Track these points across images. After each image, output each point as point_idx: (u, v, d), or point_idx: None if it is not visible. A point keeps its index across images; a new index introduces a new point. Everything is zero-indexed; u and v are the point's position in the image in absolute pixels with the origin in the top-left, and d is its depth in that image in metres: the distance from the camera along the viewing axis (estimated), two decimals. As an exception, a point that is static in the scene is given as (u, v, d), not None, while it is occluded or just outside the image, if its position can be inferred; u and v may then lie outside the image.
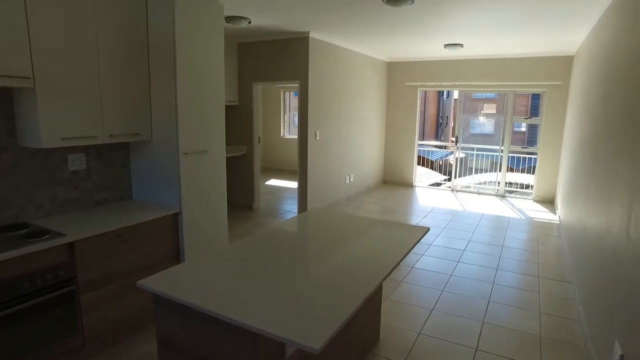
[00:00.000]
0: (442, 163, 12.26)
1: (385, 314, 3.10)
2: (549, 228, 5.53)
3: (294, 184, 8.29)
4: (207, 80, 2.92)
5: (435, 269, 4.03)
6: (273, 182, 8.61)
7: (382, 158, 8.31)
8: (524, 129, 20.99)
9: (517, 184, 7.91)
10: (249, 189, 6.10)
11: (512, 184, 7.84)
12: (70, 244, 2.23)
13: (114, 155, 2.92)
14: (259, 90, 5.95)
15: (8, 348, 2.00)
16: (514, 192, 7.68)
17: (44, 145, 2.23)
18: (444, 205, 6.77)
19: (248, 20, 4.35)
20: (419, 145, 8.38)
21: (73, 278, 2.26)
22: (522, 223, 5.80)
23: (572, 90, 6.11)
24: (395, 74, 7.93)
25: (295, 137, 10.19)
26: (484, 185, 8.04)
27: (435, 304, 3.31)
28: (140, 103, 2.75)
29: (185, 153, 2.77)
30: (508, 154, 7.42)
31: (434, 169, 11.34)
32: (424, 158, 10.98)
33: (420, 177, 8.45)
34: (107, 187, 2.89)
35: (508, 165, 7.48)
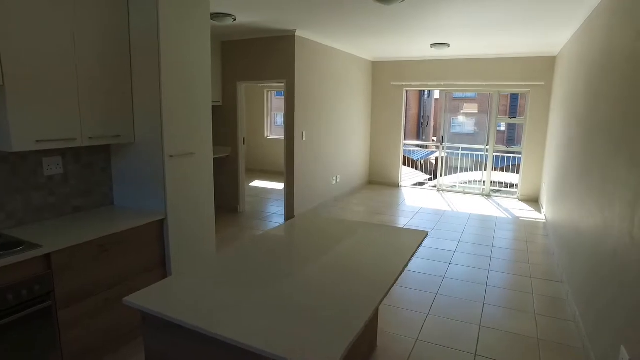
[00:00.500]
0: (423, 162, 12.33)
1: (381, 320, 3.01)
2: (536, 227, 5.56)
3: (279, 186, 8.16)
4: (193, 79, 2.77)
5: (427, 271, 3.97)
6: (257, 183, 8.44)
7: (367, 158, 8.26)
8: (504, 128, 21.38)
9: (501, 183, 7.98)
10: (234, 192, 5.94)
11: (497, 183, 7.90)
12: (47, 256, 2.06)
13: (94, 159, 2.74)
14: (243, 90, 5.79)
15: (-23, 372, 1.82)
16: (499, 191, 7.74)
17: (16, 149, 2.05)
18: (431, 206, 6.75)
19: (233, 18, 4.20)
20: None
21: (50, 292, 2.08)
22: (509, 222, 5.82)
23: (555, 91, 6.17)
24: (381, 74, 7.89)
25: (279, 137, 10.07)
26: (469, 185, 8.07)
27: (431, 308, 3.24)
28: (122, 103, 2.58)
29: (171, 156, 2.62)
30: (493, 154, 7.46)
31: (416, 169, 11.38)
32: (407, 157, 11.00)
33: (404, 176, 8.43)
34: (86, 192, 2.71)
35: (492, 164, 7.53)
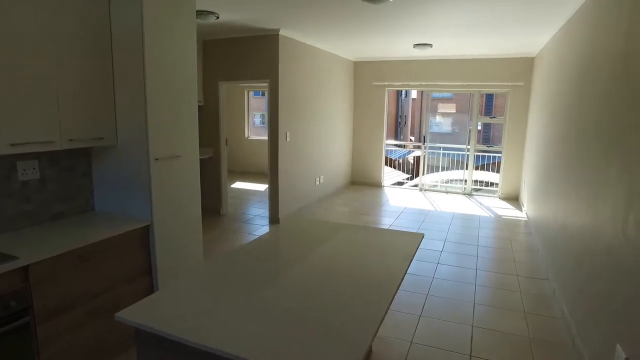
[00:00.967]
0: (401, 162, 12.44)
1: (374, 323, 2.96)
2: (518, 225, 5.65)
3: (261, 187, 8.04)
4: (179, 78, 2.66)
5: (416, 272, 3.96)
6: (239, 185, 8.30)
7: (350, 158, 8.24)
8: (480, 128, 21.83)
9: (482, 182, 8.10)
10: (217, 194, 5.80)
11: (478, 182, 8.01)
12: (24, 268, 1.91)
13: (73, 162, 2.58)
14: (225, 90, 5.66)
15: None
16: (480, 190, 7.85)
17: (-11, 153, 1.90)
18: (415, 205, 6.78)
19: (216, 16, 4.08)
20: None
21: (28, 308, 1.94)
22: (491, 221, 5.90)
23: (534, 91, 6.30)
24: (363, 74, 7.87)
25: (259, 137, 9.94)
26: (451, 184, 8.16)
27: (423, 310, 3.22)
28: (104, 104, 2.44)
29: (157, 159, 2.50)
30: (474, 153, 7.57)
31: (395, 168, 11.45)
32: (386, 157, 11.06)
33: (384, 176, 8.45)
34: (65, 198, 2.55)
35: (474, 164, 7.63)
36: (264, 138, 9.94)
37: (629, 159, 2.10)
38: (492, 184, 7.98)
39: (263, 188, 7.94)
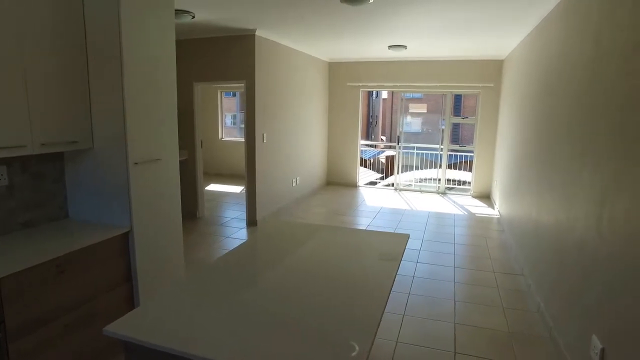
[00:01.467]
0: (373, 161, 12.60)
1: (359, 325, 2.97)
2: (491, 222, 5.82)
3: (236, 189, 7.93)
4: (157, 79, 2.57)
5: (398, 271, 3.99)
6: (213, 187, 8.14)
7: (325, 159, 8.24)
8: (444, 127, 22.39)
9: (455, 181, 8.29)
10: (192, 197, 5.66)
11: (451, 181, 8.19)
12: (-4, 282, 1.80)
13: (44, 167, 2.45)
14: (200, 91, 5.54)
15: None
16: (453, 188, 8.04)
17: (-45, 159, 1.77)
18: (391, 205, 6.86)
19: (192, 15, 3.98)
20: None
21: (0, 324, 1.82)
22: (466, 219, 6.05)
23: (503, 92, 6.51)
24: (337, 75, 7.90)
25: (232, 139, 9.81)
26: (425, 183, 8.32)
27: (405, 309, 3.26)
28: (78, 105, 2.33)
29: (136, 163, 2.40)
30: (448, 153, 7.74)
31: (367, 167, 11.58)
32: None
33: (360, 176, 8.52)
34: (36, 205, 2.41)
35: (447, 163, 7.80)
36: (237, 139, 9.82)
37: (601, 161, 2.19)
38: (464, 183, 8.18)
39: (238, 190, 7.84)
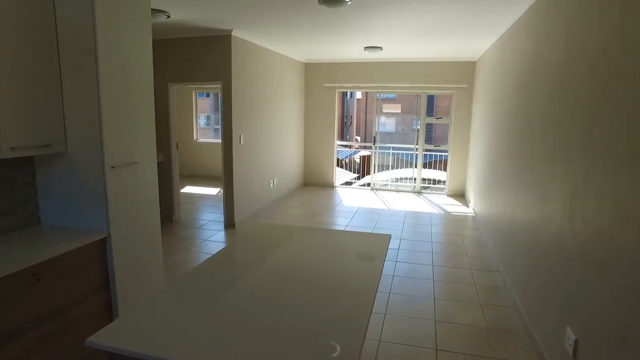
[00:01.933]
0: (348, 161, 12.69)
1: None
2: (466, 221, 5.97)
3: (212, 191, 7.82)
4: (134, 78, 2.51)
5: (377, 271, 4.04)
6: (189, 189, 8.00)
7: (302, 160, 8.24)
8: (418, 127, 22.82)
9: (430, 180, 8.45)
10: (168, 199, 5.54)
11: (426, 180, 8.34)
12: (-34, 293, 1.71)
13: (14, 172, 2.34)
14: (175, 92, 5.43)
15: None
16: (429, 187, 8.19)
17: None
18: (368, 205, 6.93)
19: (167, 15, 3.89)
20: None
21: (-29, 337, 1.74)
22: (442, 218, 6.18)
23: (476, 93, 6.69)
24: (313, 75, 7.91)
25: (207, 140, 9.67)
26: (401, 183, 8.44)
27: (387, 308, 3.30)
28: (51, 107, 2.24)
29: (113, 167, 2.34)
30: (423, 152, 7.88)
31: (342, 168, 11.65)
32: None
33: (336, 176, 8.56)
34: (5, 212, 2.30)
35: (422, 163, 7.93)
36: (212, 140, 9.69)
37: (572, 161, 2.29)
38: (439, 182, 8.34)
39: (214, 192, 7.73)
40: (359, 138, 26.45)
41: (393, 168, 8.96)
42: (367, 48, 6.02)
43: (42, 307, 2.04)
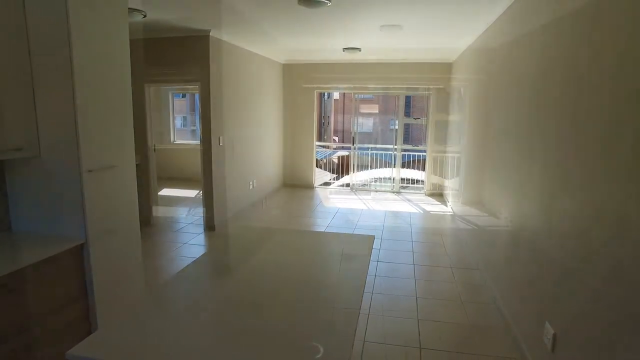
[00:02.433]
0: (326, 162, 12.71)
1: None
2: (445, 220, 6.07)
3: (189, 193, 7.69)
4: (111, 79, 2.43)
5: (360, 271, 4.06)
6: (166, 192, 7.82)
7: (281, 161, 8.20)
8: (396, 127, 23.10)
9: (408, 180, 8.54)
10: (145, 203, 5.40)
11: (404, 180, 8.43)
12: None
13: (-18, 178, 2.24)
14: (152, 93, 5.31)
15: None
16: (407, 187, 8.28)
17: None
18: (348, 205, 6.96)
19: (143, 14, 3.80)
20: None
21: (-61, 352, 1.64)
22: (421, 217, 6.26)
23: (452, 94, 6.81)
24: (292, 76, 7.89)
25: (185, 141, 9.50)
26: (379, 183, 8.50)
27: (370, 308, 3.31)
28: (21, 110, 2.14)
29: (90, 170, 2.26)
30: (402, 152, 7.97)
31: (320, 168, 11.63)
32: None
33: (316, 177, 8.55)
34: (-26, 219, 2.20)
35: (400, 162, 8.02)
36: (189, 142, 9.52)
37: (550, 160, 2.35)
38: (417, 182, 8.45)
39: (192, 194, 7.60)
40: (337, 138, 26.57)
41: (372, 168, 9.02)
42: (345, 49, 6.04)
43: (14, 318, 1.95)
